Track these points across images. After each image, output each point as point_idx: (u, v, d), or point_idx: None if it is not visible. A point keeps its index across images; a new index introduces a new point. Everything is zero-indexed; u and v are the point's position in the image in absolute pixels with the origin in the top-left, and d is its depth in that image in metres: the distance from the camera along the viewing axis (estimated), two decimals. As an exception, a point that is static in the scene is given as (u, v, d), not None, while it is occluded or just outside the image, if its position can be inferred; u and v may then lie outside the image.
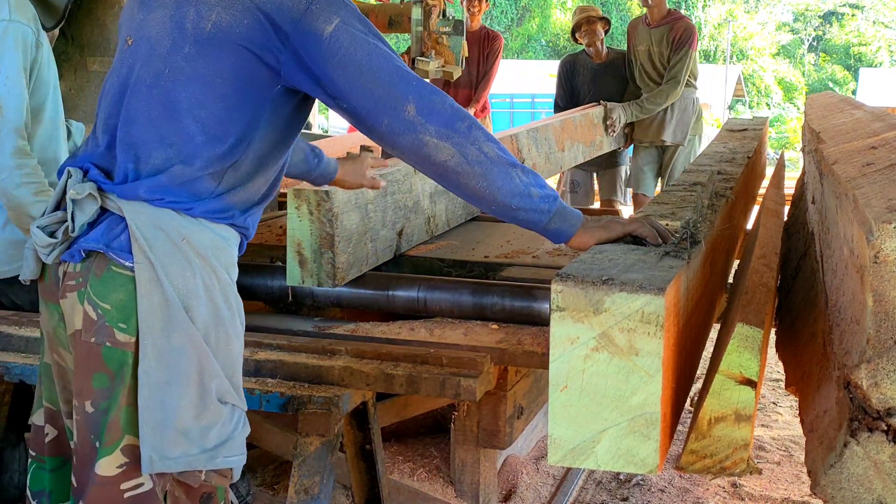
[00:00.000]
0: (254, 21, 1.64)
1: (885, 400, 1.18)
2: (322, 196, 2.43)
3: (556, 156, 4.60)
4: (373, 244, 2.68)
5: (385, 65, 1.67)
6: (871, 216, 1.18)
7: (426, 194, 3.03)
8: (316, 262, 2.46)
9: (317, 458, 2.13)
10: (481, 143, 1.71)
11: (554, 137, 4.58)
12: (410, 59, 3.78)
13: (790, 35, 39.54)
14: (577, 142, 5.01)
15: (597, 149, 5.43)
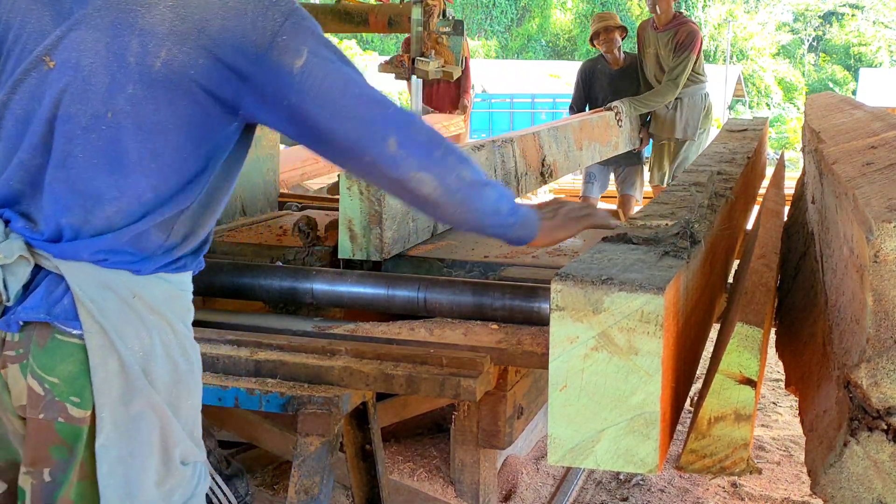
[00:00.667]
0: (210, 60, 1.46)
1: (885, 399, 1.18)
2: None
3: (574, 154, 4.80)
4: (414, 223, 2.97)
5: (361, 95, 1.55)
6: (870, 216, 1.18)
7: None
8: (365, 237, 2.75)
9: (317, 459, 2.13)
10: (458, 168, 1.63)
11: (573, 137, 4.78)
12: (410, 59, 3.77)
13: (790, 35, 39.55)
14: (594, 142, 5.19)
15: (612, 149, 5.64)
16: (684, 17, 6.22)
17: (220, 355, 2.26)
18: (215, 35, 1.46)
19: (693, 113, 6.02)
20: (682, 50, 5.87)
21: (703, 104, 6.08)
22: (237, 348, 2.30)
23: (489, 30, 36.26)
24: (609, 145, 5.56)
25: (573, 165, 4.87)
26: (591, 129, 5.23)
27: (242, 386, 2.18)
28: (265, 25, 1.51)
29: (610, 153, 5.63)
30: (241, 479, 2.63)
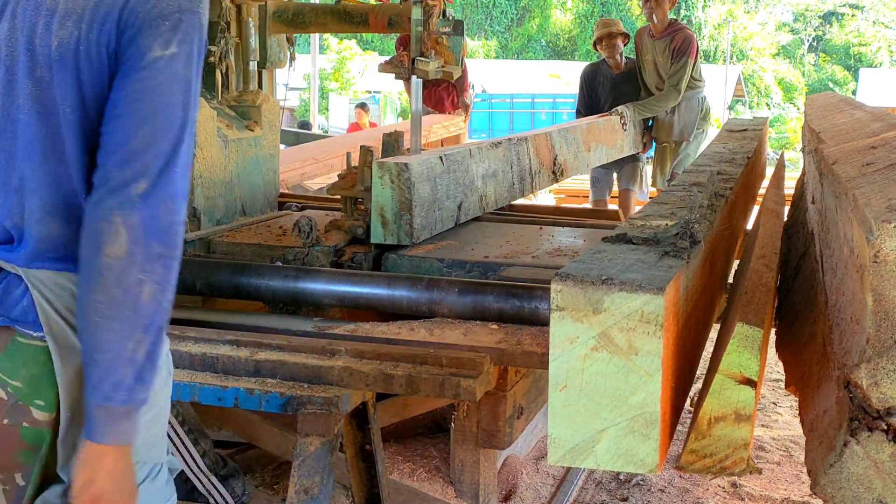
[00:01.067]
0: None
1: (885, 399, 1.18)
2: (402, 167, 2.89)
3: (582, 155, 4.94)
4: (439, 212, 3.12)
5: (170, 126, 1.38)
6: (870, 216, 1.18)
7: (479, 175, 3.45)
8: (396, 223, 2.91)
9: (317, 459, 2.13)
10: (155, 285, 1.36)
11: (581, 138, 4.93)
12: (410, 59, 3.77)
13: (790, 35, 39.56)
14: (601, 143, 5.32)
15: (618, 151, 5.77)
16: (680, 24, 6.34)
17: (220, 355, 2.27)
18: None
19: (690, 116, 6.15)
20: (680, 56, 5.97)
21: (699, 107, 6.20)
22: (237, 348, 2.31)
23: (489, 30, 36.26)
24: (615, 148, 5.68)
25: (581, 166, 5.03)
26: (599, 131, 5.36)
27: (242, 386, 2.18)
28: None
29: (615, 155, 5.74)
30: (237, 479, 2.63)
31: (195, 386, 2.20)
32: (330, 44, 25.91)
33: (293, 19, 3.95)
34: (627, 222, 1.93)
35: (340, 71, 25.13)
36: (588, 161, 5.10)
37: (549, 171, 4.26)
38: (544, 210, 4.63)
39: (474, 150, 3.45)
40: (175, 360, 2.20)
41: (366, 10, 3.98)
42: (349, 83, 25.12)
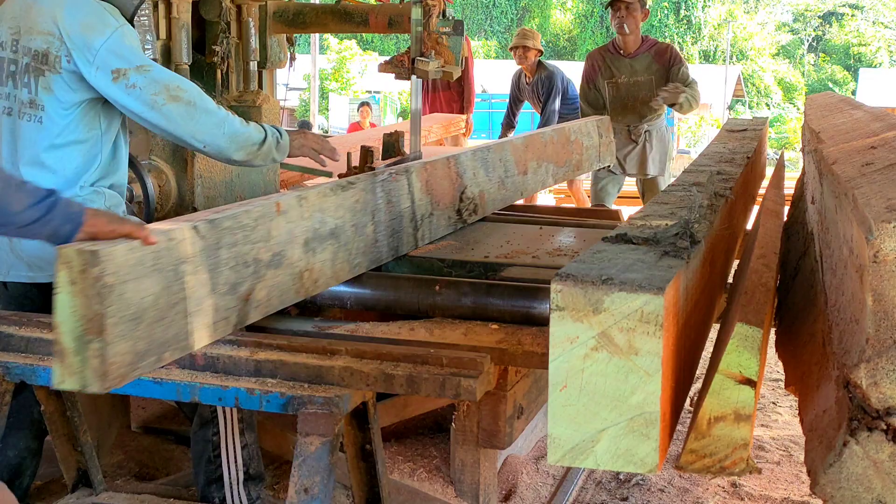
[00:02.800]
0: None
1: (885, 399, 1.18)
2: (88, 258, 1.64)
3: (514, 180, 3.71)
4: (193, 318, 1.91)
5: None
6: (870, 216, 1.18)
7: (298, 242, 2.28)
8: (79, 355, 1.65)
9: (317, 458, 2.13)
10: None
11: (513, 158, 3.71)
12: (410, 59, 3.77)
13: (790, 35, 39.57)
14: (545, 162, 4.08)
15: (573, 169, 4.50)
16: (652, 39, 5.94)
17: (221, 355, 2.27)
18: None
19: (662, 147, 5.76)
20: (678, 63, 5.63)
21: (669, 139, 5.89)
22: (237, 348, 2.31)
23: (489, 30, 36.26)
24: (569, 165, 4.40)
25: (513, 195, 3.74)
26: (543, 146, 4.10)
27: (243, 386, 2.18)
28: None
29: (570, 174, 4.60)
30: (257, 483, 2.63)
31: (195, 386, 2.20)
32: (330, 44, 25.91)
33: (293, 19, 3.95)
34: (627, 222, 1.93)
35: (340, 71, 25.13)
36: (524, 187, 3.87)
37: (451, 211, 3.18)
38: (544, 210, 4.62)
39: (291, 202, 2.28)
40: (176, 359, 2.22)
41: (366, 10, 3.98)
42: (349, 83, 25.12)
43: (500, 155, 3.62)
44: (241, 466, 2.57)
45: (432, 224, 3.06)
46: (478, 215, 3.36)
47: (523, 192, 3.87)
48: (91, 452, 2.65)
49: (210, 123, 2.55)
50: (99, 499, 2.64)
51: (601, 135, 4.87)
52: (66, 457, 2.63)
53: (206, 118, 2.54)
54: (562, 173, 4.34)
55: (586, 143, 4.65)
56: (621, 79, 5.68)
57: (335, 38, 25.66)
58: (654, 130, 5.70)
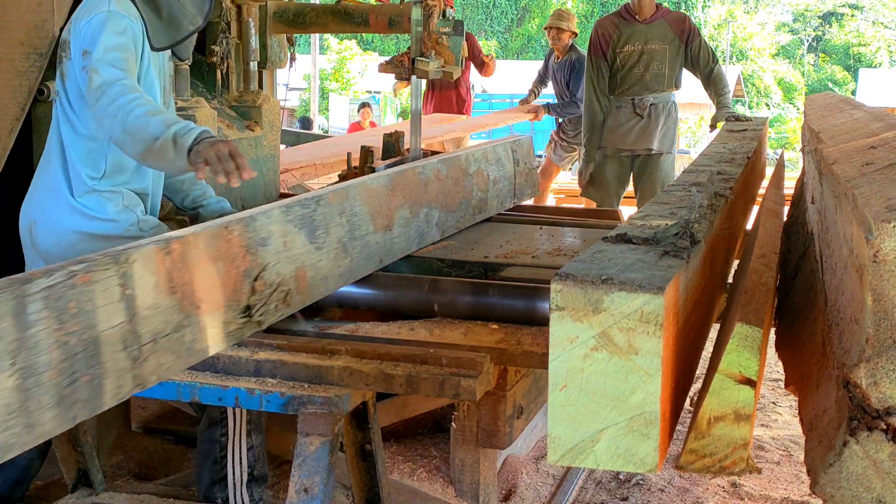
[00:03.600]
0: None
1: (885, 399, 1.18)
2: None
3: (365, 241, 2.52)
4: None
5: None
6: (870, 215, 1.18)
7: None
8: None
9: (317, 458, 2.13)
10: None
11: (366, 208, 2.54)
12: (410, 59, 3.77)
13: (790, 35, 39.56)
14: (425, 207, 2.94)
15: (472, 212, 3.32)
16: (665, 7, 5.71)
17: (221, 355, 2.27)
18: None
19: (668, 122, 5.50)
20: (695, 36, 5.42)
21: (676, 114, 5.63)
22: (237, 348, 2.31)
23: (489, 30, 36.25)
24: (465, 208, 3.25)
25: (363, 264, 2.53)
26: (422, 185, 2.92)
27: (243, 386, 2.18)
28: None
29: (468, 220, 3.29)
30: (260, 484, 2.63)
31: (195, 386, 2.20)
32: (330, 44, 25.91)
33: (293, 20, 3.95)
34: (627, 222, 1.93)
35: (340, 71, 25.13)
36: (389, 248, 2.68)
37: (230, 313, 1.89)
38: (544, 210, 4.61)
39: None
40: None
41: (366, 11, 3.98)
42: (349, 83, 25.12)
43: (343, 206, 2.42)
44: (246, 468, 2.57)
45: (183, 344, 1.73)
46: (291, 307, 2.12)
47: (384, 257, 2.65)
48: (91, 452, 2.65)
49: (108, 109, 2.36)
50: (99, 499, 2.64)
51: (518, 161, 3.72)
52: (66, 457, 2.64)
53: (107, 103, 2.36)
54: (454, 221, 3.16)
55: (494, 174, 3.49)
56: (635, 46, 5.44)
57: (335, 38, 25.67)
58: (661, 104, 5.47)
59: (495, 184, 3.51)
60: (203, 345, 1.81)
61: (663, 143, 5.51)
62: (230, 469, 2.56)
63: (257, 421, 2.59)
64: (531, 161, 3.92)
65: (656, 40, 5.43)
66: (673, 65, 5.48)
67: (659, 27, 5.44)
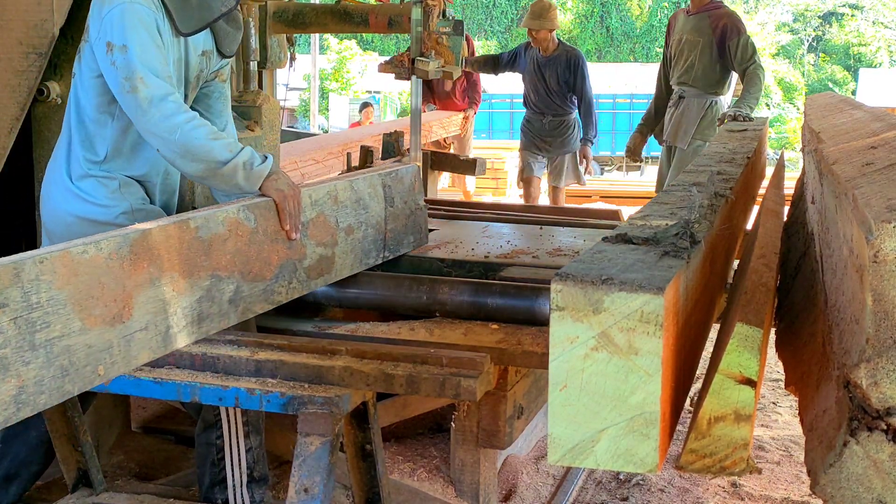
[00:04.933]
0: None
1: (885, 399, 1.18)
2: None
3: (66, 342, 1.68)
4: None
5: None
6: (870, 216, 1.18)
7: None
8: None
9: (317, 458, 2.13)
10: None
11: (68, 296, 1.69)
12: (410, 59, 3.77)
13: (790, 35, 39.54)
14: (206, 276, 2.11)
15: (303, 276, 2.48)
16: (719, 2, 5.68)
17: (221, 355, 2.27)
18: None
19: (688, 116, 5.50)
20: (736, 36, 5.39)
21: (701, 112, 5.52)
22: (237, 348, 2.31)
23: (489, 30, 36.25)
24: (289, 271, 2.42)
25: (63, 384, 1.68)
26: (204, 246, 2.11)
27: (243, 386, 2.18)
28: None
29: (297, 287, 2.46)
30: (260, 485, 2.63)
31: (196, 386, 2.20)
32: (330, 44, 25.90)
33: (293, 19, 3.95)
34: (627, 222, 1.93)
35: (340, 71, 25.12)
36: (122, 355, 1.83)
37: None
38: (544, 210, 4.62)
39: None
40: (176, 359, 2.22)
41: (366, 10, 3.98)
42: (349, 83, 25.11)
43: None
44: (245, 469, 2.57)
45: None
46: None
47: (107, 369, 1.79)
48: (91, 452, 2.65)
49: (161, 126, 2.35)
50: (99, 499, 2.64)
51: (391, 199, 2.90)
52: (66, 457, 2.64)
53: (159, 119, 2.35)
54: (265, 293, 2.34)
55: (348, 219, 2.68)
56: (680, 36, 5.57)
57: (335, 38, 25.65)
58: (688, 98, 5.53)
59: (349, 234, 2.68)
60: None
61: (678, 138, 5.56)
62: (229, 471, 2.56)
63: (255, 422, 2.59)
64: (416, 199, 3.04)
65: (693, 32, 5.49)
66: (704, 59, 5.47)
67: (699, 20, 5.49)
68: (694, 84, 5.53)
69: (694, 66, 5.48)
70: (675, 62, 5.62)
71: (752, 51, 5.42)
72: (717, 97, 5.57)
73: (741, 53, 5.38)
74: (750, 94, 5.28)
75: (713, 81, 5.51)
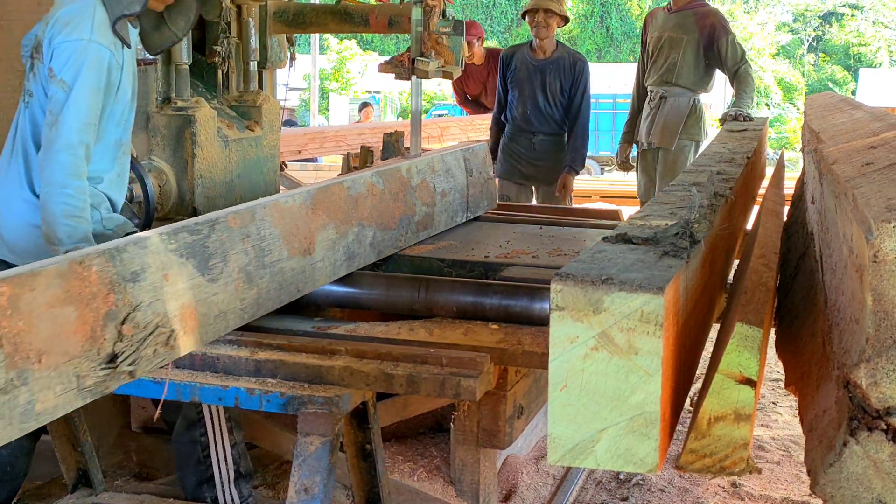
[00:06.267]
0: None
1: (885, 399, 1.18)
2: None
3: (277, 269, 2.20)
4: None
5: None
6: (870, 215, 1.18)
7: None
8: None
9: (317, 458, 2.13)
10: None
11: (279, 229, 2.23)
12: (410, 59, 3.77)
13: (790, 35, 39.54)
14: (355, 226, 2.64)
15: (416, 229, 3.06)
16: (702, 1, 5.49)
17: (221, 355, 2.27)
18: None
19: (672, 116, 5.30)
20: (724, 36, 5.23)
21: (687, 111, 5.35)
22: (237, 348, 2.31)
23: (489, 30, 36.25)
24: (406, 225, 2.98)
25: (276, 294, 2.21)
26: (351, 202, 2.62)
27: (243, 386, 2.18)
28: None
29: (411, 238, 3.02)
30: (247, 481, 2.63)
31: (195, 386, 2.20)
32: (330, 44, 25.90)
33: (293, 19, 3.95)
34: (627, 222, 1.93)
35: (340, 71, 25.13)
36: (306, 277, 2.35)
37: (86, 363, 1.61)
38: (544, 210, 4.61)
39: None
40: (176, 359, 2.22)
41: (366, 10, 3.98)
42: (349, 83, 25.12)
43: (246, 230, 2.10)
44: (232, 465, 2.58)
45: (15, 406, 1.50)
46: (178, 349, 1.83)
47: (302, 286, 2.34)
48: (91, 452, 2.66)
49: (56, 173, 2.43)
50: (99, 499, 2.65)
51: (471, 171, 3.50)
52: (66, 457, 2.64)
53: (58, 167, 2.43)
54: (391, 240, 2.87)
55: (441, 185, 3.25)
56: (661, 33, 5.34)
57: (335, 38, 25.65)
58: (671, 98, 5.33)
59: (444, 197, 3.25)
60: (46, 406, 1.53)
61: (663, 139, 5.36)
62: (216, 468, 2.56)
63: (236, 418, 2.60)
64: (487, 170, 3.66)
65: (676, 29, 5.33)
66: (688, 57, 5.32)
67: (683, 17, 5.34)
68: (677, 83, 5.37)
69: (677, 65, 5.33)
70: (654, 61, 5.41)
71: (742, 49, 5.34)
72: (700, 95, 5.47)
73: (732, 53, 5.28)
74: (746, 94, 5.21)
75: (697, 80, 5.39)
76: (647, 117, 5.47)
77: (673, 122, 5.35)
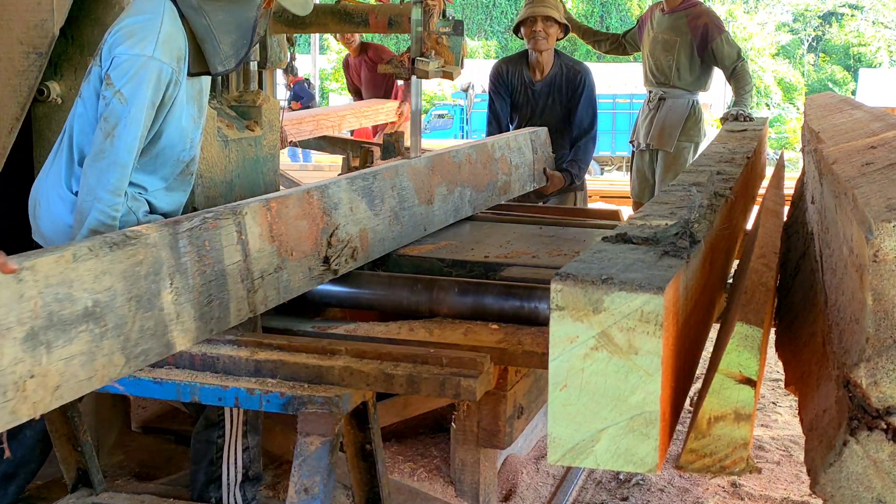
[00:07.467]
0: None
1: (885, 399, 1.18)
2: None
3: (414, 212, 3.08)
4: None
5: None
6: (870, 215, 1.18)
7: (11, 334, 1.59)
8: None
9: (317, 458, 2.13)
10: None
11: (412, 184, 3.10)
12: (410, 59, 3.78)
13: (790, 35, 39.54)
14: (458, 186, 3.46)
15: (498, 193, 3.87)
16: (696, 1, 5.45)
17: (221, 355, 2.27)
18: None
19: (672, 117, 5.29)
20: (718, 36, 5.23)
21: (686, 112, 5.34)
22: (237, 348, 2.31)
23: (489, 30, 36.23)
24: (492, 188, 3.78)
25: (413, 230, 3.08)
26: (456, 167, 3.46)
27: (243, 386, 2.18)
28: None
29: (495, 199, 3.83)
30: (253, 483, 2.63)
31: (195, 386, 2.20)
32: (330, 44, 25.89)
33: (293, 19, 3.95)
34: (627, 222, 1.93)
35: (340, 71, 25.11)
36: (427, 221, 3.20)
37: (313, 260, 2.47)
38: (544, 210, 4.61)
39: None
40: (176, 359, 2.23)
41: (366, 10, 3.98)
42: (349, 83, 25.10)
43: (393, 181, 2.95)
44: (241, 468, 2.58)
45: (280, 282, 2.30)
46: (357, 261, 2.65)
47: (428, 226, 3.17)
48: (91, 452, 2.66)
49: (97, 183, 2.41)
50: (99, 499, 2.65)
51: (536, 150, 4.25)
52: (66, 457, 2.64)
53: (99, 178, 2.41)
54: (483, 199, 3.67)
55: (516, 160, 4.05)
56: (655, 35, 5.33)
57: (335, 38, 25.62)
58: (669, 100, 5.32)
59: (517, 169, 4.08)
60: (295, 285, 2.40)
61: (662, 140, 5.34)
62: (225, 469, 2.57)
63: (254, 422, 2.60)
64: (547, 151, 4.46)
65: (670, 31, 5.32)
66: (683, 59, 5.32)
67: (676, 19, 5.33)
68: (675, 85, 5.37)
69: (672, 67, 5.33)
70: (650, 62, 5.43)
71: (737, 47, 5.34)
72: (699, 95, 5.47)
73: (728, 52, 5.27)
74: (745, 92, 5.21)
75: (694, 80, 5.39)
76: (645, 119, 5.49)
77: (672, 124, 5.35)
